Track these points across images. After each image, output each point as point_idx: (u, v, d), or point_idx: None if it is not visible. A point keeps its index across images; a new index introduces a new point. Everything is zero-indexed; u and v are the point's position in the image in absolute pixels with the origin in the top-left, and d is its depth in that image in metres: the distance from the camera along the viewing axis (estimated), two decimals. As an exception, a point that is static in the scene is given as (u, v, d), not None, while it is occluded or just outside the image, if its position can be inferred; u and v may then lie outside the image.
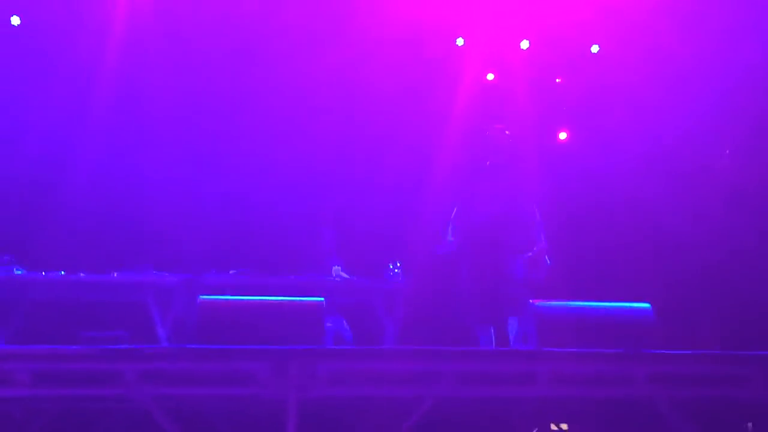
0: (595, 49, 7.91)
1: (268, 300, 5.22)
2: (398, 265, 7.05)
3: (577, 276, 7.69)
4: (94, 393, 4.31)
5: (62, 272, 6.52)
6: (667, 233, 7.77)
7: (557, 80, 8.27)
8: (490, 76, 8.09)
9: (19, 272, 6.46)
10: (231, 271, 6.76)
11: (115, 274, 6.56)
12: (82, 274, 6.56)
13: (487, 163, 5.95)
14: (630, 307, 5.29)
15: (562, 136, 8.36)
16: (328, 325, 6.21)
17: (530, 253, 5.80)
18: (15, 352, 4.53)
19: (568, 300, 5.37)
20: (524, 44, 7.90)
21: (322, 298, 5.04)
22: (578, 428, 5.15)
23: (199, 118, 7.93)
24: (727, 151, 7.03)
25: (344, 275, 7.03)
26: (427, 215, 8.02)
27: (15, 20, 7.40)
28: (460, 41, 7.73)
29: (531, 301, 5.22)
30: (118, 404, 4.53)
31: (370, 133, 8.06)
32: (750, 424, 4.94)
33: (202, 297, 5.09)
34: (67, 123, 7.72)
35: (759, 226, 7.42)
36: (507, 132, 5.99)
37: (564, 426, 5.23)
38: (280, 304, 5.11)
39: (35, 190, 7.62)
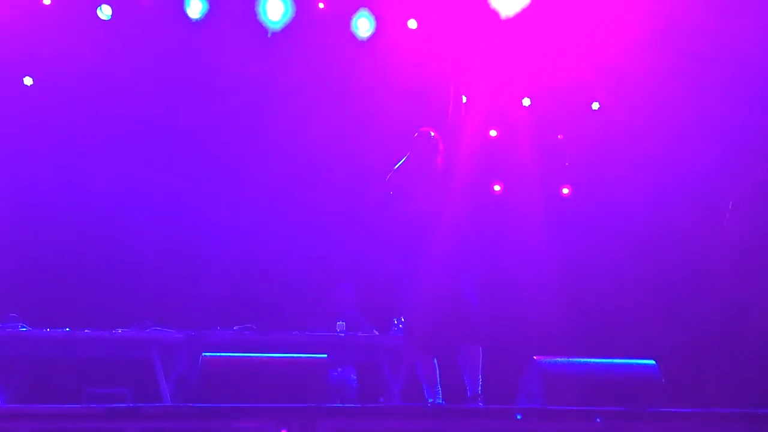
0: (595, 106, 8.05)
1: (271, 357, 5.22)
2: (403, 320, 7.03)
3: (582, 332, 7.66)
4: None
5: (67, 329, 6.54)
6: (672, 289, 7.75)
7: (559, 137, 8.37)
8: (493, 133, 8.20)
9: (24, 329, 6.48)
10: (235, 328, 6.77)
11: (119, 331, 6.57)
12: (86, 331, 6.58)
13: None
14: (635, 363, 5.26)
15: (565, 191, 8.41)
16: (335, 373, 6.17)
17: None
18: (17, 411, 4.51)
19: (574, 356, 5.35)
20: (526, 101, 8.04)
21: (325, 355, 5.03)
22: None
23: (206, 174, 8.02)
24: (731, 205, 7.03)
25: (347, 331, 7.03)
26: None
27: (28, 80, 7.51)
28: (463, 99, 7.85)
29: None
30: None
31: (374, 187, 8.13)
32: None
33: (205, 354, 5.09)
34: (68, 177, 7.79)
35: (765, 280, 7.40)
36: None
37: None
38: (283, 361, 5.10)
39: (37, 247, 7.66)
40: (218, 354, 5.31)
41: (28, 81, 7.66)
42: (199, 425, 4.38)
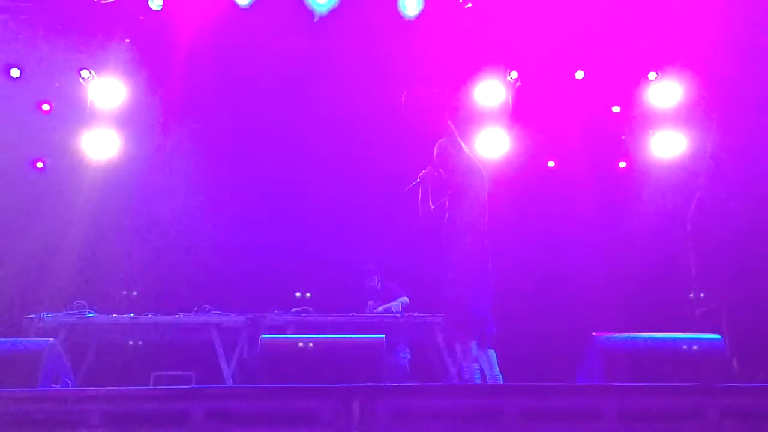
0: (652, 76, 7.80)
1: (329, 338, 5.27)
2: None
3: (643, 307, 7.51)
4: (162, 433, 4.40)
5: (131, 315, 6.73)
6: (734, 261, 7.52)
7: (614, 109, 8.13)
8: (548, 108, 8.03)
9: (91, 315, 6.70)
10: (292, 310, 6.85)
11: (181, 315, 6.73)
12: (150, 316, 6.76)
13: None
14: (700, 338, 5.13)
15: (622, 165, 8.21)
16: (392, 353, 6.21)
17: None
18: (87, 393, 4.67)
19: (634, 332, 5.25)
20: (579, 74, 7.83)
21: (383, 335, 5.06)
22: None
23: (268, 170, 8.10)
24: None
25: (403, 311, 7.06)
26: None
27: (15, 72, 7.48)
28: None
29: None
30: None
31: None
32: None
33: (264, 336, 5.18)
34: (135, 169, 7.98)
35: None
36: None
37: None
38: (341, 342, 5.15)
39: (103, 237, 7.88)
40: (277, 336, 5.40)
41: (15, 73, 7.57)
42: (259, 405, 4.46)
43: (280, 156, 8.12)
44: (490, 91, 7.81)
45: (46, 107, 7.70)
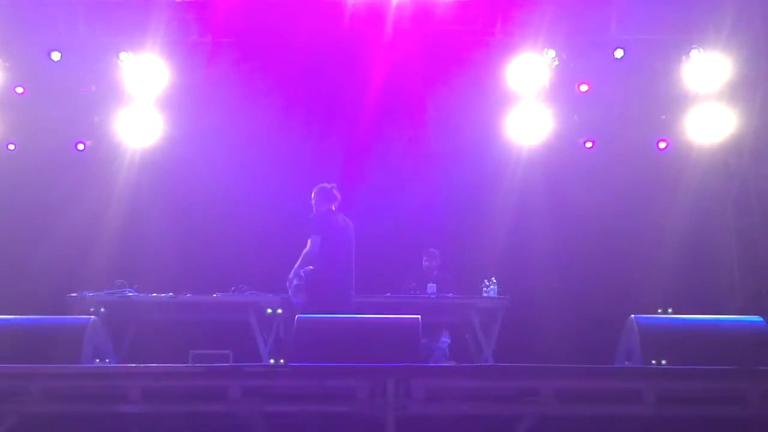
0: (694, 53, 7.60)
1: (365, 317, 5.29)
2: (494, 281, 7.00)
3: (685, 289, 7.39)
4: (200, 409, 4.47)
5: (170, 294, 6.83)
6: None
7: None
8: (584, 87, 7.89)
9: (131, 294, 6.82)
10: (328, 290, 6.87)
11: (218, 295, 6.81)
12: (188, 295, 6.85)
13: None
14: (741, 320, 5.04)
15: (662, 145, 8.03)
16: (424, 341, 6.22)
17: None
18: (127, 370, 4.78)
19: (673, 313, 5.18)
20: (618, 53, 7.66)
21: (418, 316, 5.06)
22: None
23: (307, 150, 8.08)
24: None
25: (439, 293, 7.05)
26: (518, 232, 7.94)
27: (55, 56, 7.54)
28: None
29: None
30: (223, 420, 4.68)
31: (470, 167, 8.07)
32: None
33: (300, 315, 5.22)
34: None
35: None
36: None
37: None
38: (377, 321, 5.16)
39: (143, 218, 7.99)
40: (313, 315, 5.43)
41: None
42: (295, 384, 4.51)
43: (321, 137, 8.11)
44: (527, 71, 7.70)
45: (86, 90, 7.82)
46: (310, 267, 5.93)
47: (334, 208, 6.08)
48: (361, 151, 8.05)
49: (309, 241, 5.86)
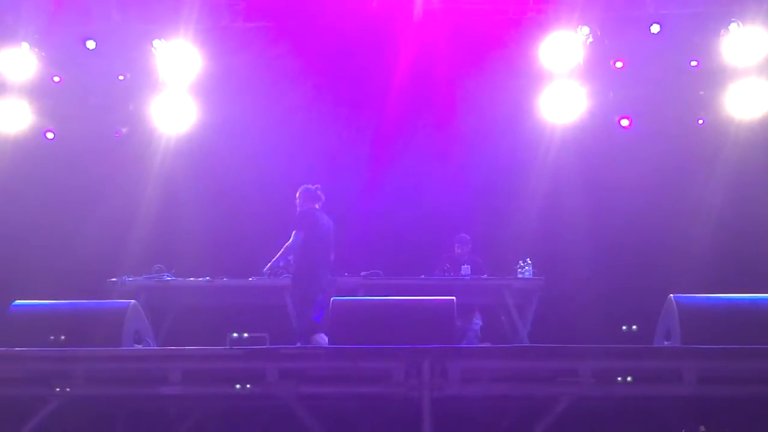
0: (733, 27, 7.40)
1: (400, 300, 5.30)
2: (529, 262, 6.96)
3: (725, 267, 7.27)
4: (239, 391, 4.54)
5: (208, 278, 6.92)
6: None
7: (693, 63, 7.76)
8: (619, 64, 7.74)
9: (169, 278, 6.92)
10: (362, 273, 6.91)
11: (253, 278, 6.88)
12: (225, 280, 6.93)
13: None
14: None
15: (700, 121, 7.85)
16: (458, 322, 6.22)
17: None
18: (167, 353, 4.86)
19: (712, 293, 5.10)
20: (654, 28, 7.49)
21: (453, 297, 5.06)
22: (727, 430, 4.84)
23: (340, 140, 8.12)
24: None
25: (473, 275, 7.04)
26: (553, 212, 7.87)
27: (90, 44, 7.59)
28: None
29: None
30: (261, 401, 4.75)
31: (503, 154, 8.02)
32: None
33: (335, 298, 5.25)
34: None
35: None
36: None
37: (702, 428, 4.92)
38: (412, 303, 5.17)
39: (180, 204, 8.09)
40: (348, 297, 5.46)
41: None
42: (331, 365, 4.55)
43: (351, 120, 8.12)
44: (561, 49, 7.58)
45: (121, 77, 7.91)
46: (290, 258, 6.36)
47: (317, 207, 6.40)
48: (392, 134, 8.06)
49: (293, 235, 6.26)
